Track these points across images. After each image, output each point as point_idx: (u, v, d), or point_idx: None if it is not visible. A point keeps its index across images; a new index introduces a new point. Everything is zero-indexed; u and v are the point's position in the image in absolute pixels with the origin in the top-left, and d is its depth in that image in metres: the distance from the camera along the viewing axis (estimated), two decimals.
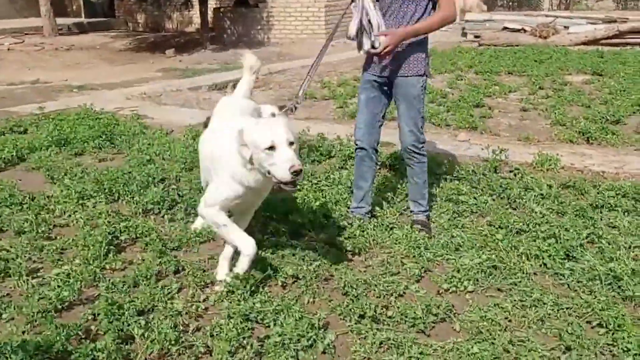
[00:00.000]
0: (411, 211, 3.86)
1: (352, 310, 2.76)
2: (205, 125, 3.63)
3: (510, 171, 4.71)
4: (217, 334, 2.57)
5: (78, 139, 5.68)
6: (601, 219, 3.74)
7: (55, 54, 14.47)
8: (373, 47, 3.35)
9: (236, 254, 3.04)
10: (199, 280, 3.07)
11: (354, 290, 2.97)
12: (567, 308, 2.78)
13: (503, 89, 8.46)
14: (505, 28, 15.09)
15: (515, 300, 2.86)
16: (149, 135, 5.91)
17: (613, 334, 2.56)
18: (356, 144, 3.80)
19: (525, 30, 14.65)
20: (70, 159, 5.24)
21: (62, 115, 6.55)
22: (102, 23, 20.74)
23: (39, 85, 10.12)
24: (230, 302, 2.83)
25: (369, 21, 3.34)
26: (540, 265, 3.20)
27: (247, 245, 2.93)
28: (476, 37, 15.37)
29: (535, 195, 4.14)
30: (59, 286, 2.92)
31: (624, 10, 21.01)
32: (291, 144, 2.66)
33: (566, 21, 14.87)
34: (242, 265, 2.97)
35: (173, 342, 2.49)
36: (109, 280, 3.08)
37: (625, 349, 2.47)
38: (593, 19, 14.87)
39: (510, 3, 23.86)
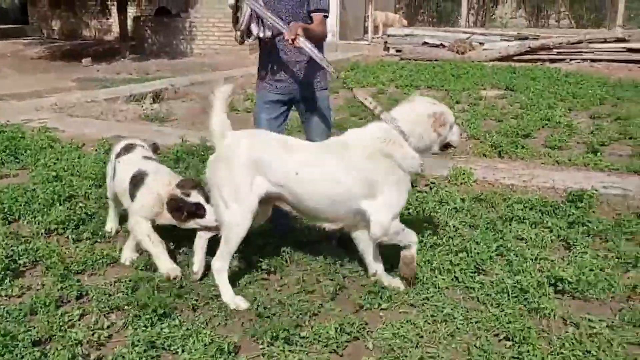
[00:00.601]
0: (324, 228, 3.84)
1: (265, 332, 2.69)
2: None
3: (427, 185, 4.80)
4: None
5: None
6: (510, 232, 3.85)
7: None
8: (273, 36, 3.38)
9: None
10: (103, 306, 2.91)
11: (268, 310, 2.91)
12: (476, 322, 2.83)
13: None
14: (425, 43, 15.52)
15: (427, 316, 2.88)
16: (58, 149, 5.62)
17: (519, 347, 2.61)
18: None
19: (444, 46, 15.14)
20: None
21: None
22: (13, 29, 19.75)
23: None
24: (136, 329, 2.69)
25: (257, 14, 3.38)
26: (452, 279, 3.24)
27: None
28: (398, 51, 15.74)
29: (449, 209, 4.23)
30: None
31: (535, 28, 22.14)
32: None
33: (482, 38, 15.47)
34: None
35: None
36: (4, 308, 2.86)
37: None
38: (507, 36, 15.54)
39: (430, 19, 24.64)
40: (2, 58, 15.03)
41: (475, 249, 3.49)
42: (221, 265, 3.05)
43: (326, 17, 3.58)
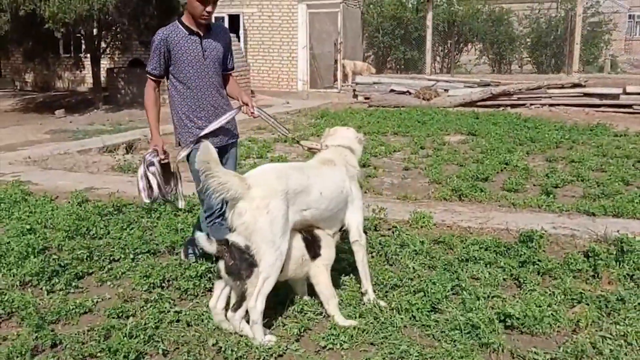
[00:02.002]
0: None
1: None
2: None
3: (389, 229, 5.04)
4: None
5: None
6: (465, 272, 4.09)
7: None
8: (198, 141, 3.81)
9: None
10: (76, 354, 3.03)
11: (235, 353, 3.06)
12: (430, 357, 3.02)
13: (388, 149, 9.02)
14: (392, 90, 16.08)
15: (385, 354, 3.07)
16: (31, 202, 5.75)
17: None
18: (212, 214, 3.94)
19: (410, 93, 15.70)
20: None
21: None
22: None
23: None
24: None
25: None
26: (410, 318, 3.45)
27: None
28: (366, 98, 16.26)
29: (409, 252, 4.46)
30: None
31: (498, 74, 23.03)
32: None
33: (446, 85, 16.11)
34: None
35: None
36: None
37: None
38: (470, 83, 16.19)
39: (398, 67, 25.45)
40: None
41: (431, 289, 3.70)
42: (263, 305, 3.18)
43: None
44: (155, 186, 3.88)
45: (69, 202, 5.73)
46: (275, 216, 3.18)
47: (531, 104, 14.67)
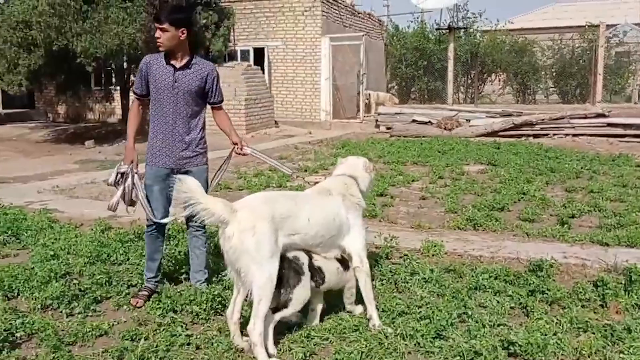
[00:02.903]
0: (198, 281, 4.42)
1: None
2: None
3: (400, 257, 5.11)
4: None
5: None
6: (473, 300, 4.13)
7: None
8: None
9: None
10: None
11: None
12: None
13: (407, 178, 9.11)
14: (414, 120, 16.22)
15: None
16: (57, 229, 5.98)
17: None
18: (152, 225, 4.33)
19: (432, 123, 15.82)
20: None
21: None
22: (20, 114, 20.61)
23: None
24: None
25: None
26: (415, 345, 3.51)
27: None
28: (388, 128, 16.43)
29: (419, 279, 4.52)
30: None
31: (522, 104, 23.03)
32: None
33: (468, 115, 16.20)
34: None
35: None
36: None
37: None
38: (492, 113, 16.26)
39: (422, 97, 25.65)
40: (8, 141, 15.68)
41: (437, 316, 3.77)
42: (262, 327, 3.30)
43: (222, 102, 4.46)
44: (134, 198, 4.23)
45: (92, 230, 5.95)
46: (261, 238, 3.31)
47: (554, 134, 14.64)
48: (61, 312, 4.04)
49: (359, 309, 3.97)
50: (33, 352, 3.46)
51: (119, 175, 4.21)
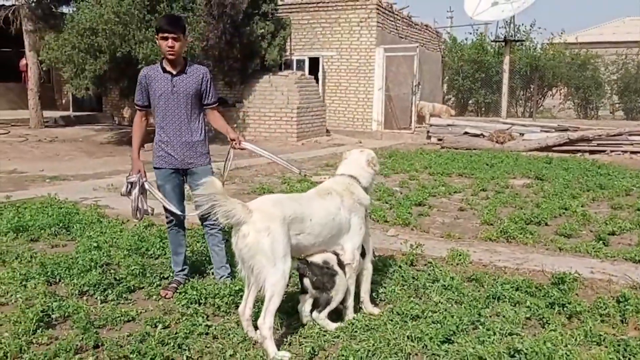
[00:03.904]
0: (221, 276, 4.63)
1: None
2: None
3: (425, 264, 5.18)
4: None
5: (36, 226, 6.12)
6: (490, 308, 4.16)
7: (37, 145, 15.13)
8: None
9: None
10: (113, 355, 3.42)
11: None
12: None
13: (449, 189, 9.10)
14: (466, 133, 16.09)
15: None
16: (104, 224, 6.37)
17: None
18: (172, 221, 4.63)
19: (484, 136, 15.65)
20: (24, 245, 5.65)
21: (26, 204, 7.02)
22: (88, 116, 21.70)
23: (14, 175, 10.65)
24: None
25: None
26: (422, 347, 3.59)
27: None
28: (439, 140, 16.36)
29: (439, 286, 4.57)
30: None
31: (583, 120, 22.36)
32: None
33: (522, 128, 15.91)
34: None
35: None
36: (32, 352, 3.43)
37: None
38: (547, 127, 15.91)
39: (479, 110, 25.31)
40: (74, 142, 16.56)
41: (449, 321, 3.83)
42: (272, 322, 3.49)
43: (216, 103, 4.68)
44: (141, 206, 4.54)
45: (136, 225, 6.30)
46: (275, 238, 3.48)
47: (611, 151, 14.22)
48: (96, 298, 4.35)
49: (375, 310, 4.10)
50: (65, 333, 3.76)
51: (130, 186, 4.51)
